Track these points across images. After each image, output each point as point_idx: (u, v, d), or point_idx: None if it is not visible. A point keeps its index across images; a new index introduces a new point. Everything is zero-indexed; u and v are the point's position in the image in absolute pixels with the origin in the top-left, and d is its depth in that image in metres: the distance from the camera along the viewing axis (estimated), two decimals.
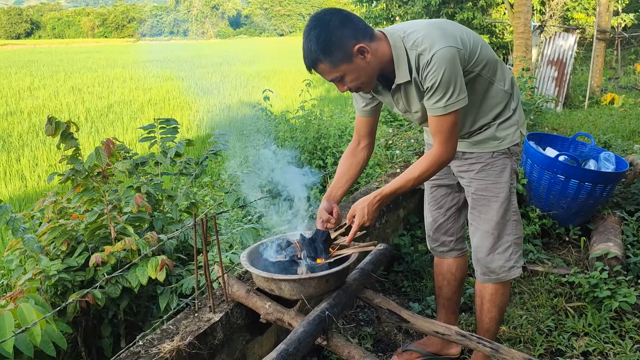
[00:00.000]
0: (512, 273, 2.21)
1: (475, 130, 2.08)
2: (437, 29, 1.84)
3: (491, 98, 2.02)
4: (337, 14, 1.77)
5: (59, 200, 2.65)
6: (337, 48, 1.73)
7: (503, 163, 2.11)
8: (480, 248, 2.20)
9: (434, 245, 2.50)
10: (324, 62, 1.76)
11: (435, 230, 2.45)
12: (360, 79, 1.82)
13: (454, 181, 2.31)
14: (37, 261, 2.34)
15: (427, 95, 1.84)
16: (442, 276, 2.52)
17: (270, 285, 1.78)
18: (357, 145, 2.24)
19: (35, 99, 15.00)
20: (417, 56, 1.81)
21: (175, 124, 3.07)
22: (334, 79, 1.81)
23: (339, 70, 1.78)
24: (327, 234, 1.89)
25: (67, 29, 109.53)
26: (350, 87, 1.84)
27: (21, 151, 8.55)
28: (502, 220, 2.14)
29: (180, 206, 2.93)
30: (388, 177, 3.61)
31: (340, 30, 1.74)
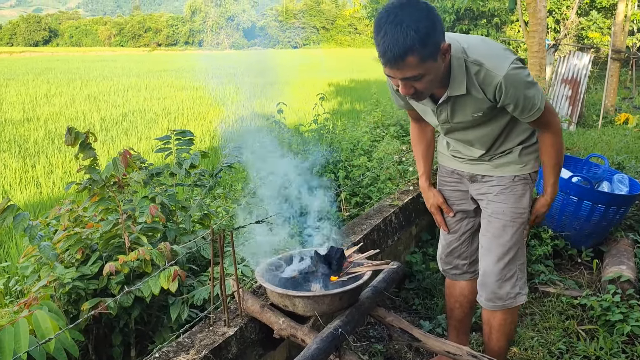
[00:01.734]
0: (519, 300, 2.17)
1: (498, 153, 2.07)
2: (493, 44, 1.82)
3: (519, 124, 2.02)
4: (429, 2, 1.58)
5: (74, 209, 2.69)
6: (433, 41, 1.55)
7: (523, 188, 2.09)
8: (489, 273, 2.15)
9: (446, 268, 2.47)
10: (415, 54, 1.53)
11: (449, 254, 2.43)
12: (434, 82, 1.69)
13: (470, 207, 2.29)
14: (52, 269, 2.37)
15: (516, 112, 1.84)
16: (454, 299, 2.50)
17: (285, 301, 1.79)
18: (419, 125, 2.27)
19: (52, 107, 15.22)
20: (478, 72, 1.74)
21: (191, 135, 3.10)
22: (411, 77, 1.61)
23: (424, 67, 1.58)
24: (341, 251, 1.90)
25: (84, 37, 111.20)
26: (419, 89, 1.67)
27: (37, 158, 8.66)
28: (514, 247, 2.11)
29: (193, 217, 2.95)
30: (401, 194, 3.62)
31: (437, 22, 1.56)
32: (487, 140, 2.03)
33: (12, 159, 8.49)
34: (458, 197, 2.29)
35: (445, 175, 2.33)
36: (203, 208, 3.03)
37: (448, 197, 2.33)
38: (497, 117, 1.95)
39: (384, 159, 4.76)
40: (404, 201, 3.45)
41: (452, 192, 2.31)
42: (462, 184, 2.26)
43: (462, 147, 2.15)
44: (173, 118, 12.90)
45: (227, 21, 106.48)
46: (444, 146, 2.29)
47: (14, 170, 7.77)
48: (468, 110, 1.88)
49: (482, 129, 1.98)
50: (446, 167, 2.31)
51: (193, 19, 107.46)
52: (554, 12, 12.70)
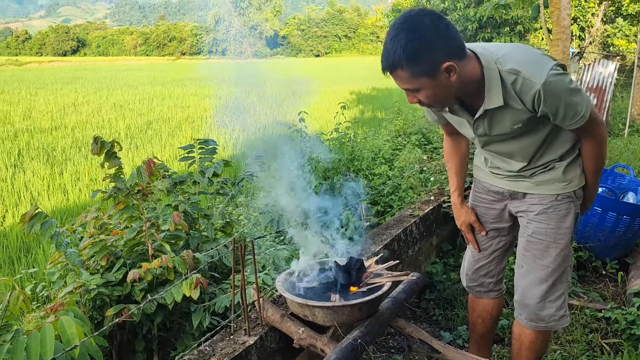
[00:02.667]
0: (562, 322, 2.06)
1: (539, 167, 1.97)
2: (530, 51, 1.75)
3: (565, 134, 1.93)
4: (438, 21, 1.58)
5: (100, 216, 2.75)
6: (424, 60, 1.57)
7: (567, 207, 1.97)
8: (530, 294, 2.04)
9: (471, 285, 2.39)
10: (404, 70, 1.60)
11: (476, 271, 2.34)
12: (436, 97, 1.68)
13: (504, 225, 2.20)
14: (77, 275, 2.42)
15: (557, 120, 1.76)
16: (477, 314, 2.43)
17: (304, 311, 1.81)
18: (452, 139, 2.22)
19: (79, 115, 15.55)
20: (515, 81, 1.68)
21: (214, 144, 3.15)
22: (407, 89, 1.68)
23: (417, 83, 1.62)
24: (361, 262, 1.91)
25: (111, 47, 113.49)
26: (422, 102, 1.71)
27: (64, 165, 8.85)
28: (559, 268, 2.00)
29: (215, 225, 2.99)
30: (422, 204, 3.61)
31: (435, 42, 1.57)
32: (528, 152, 1.93)
33: (40, 167, 8.70)
34: (492, 216, 2.20)
35: (481, 191, 2.23)
36: (225, 216, 3.06)
37: (481, 215, 2.24)
38: (539, 127, 1.86)
39: (405, 167, 4.76)
40: (424, 211, 3.44)
41: (486, 210, 2.22)
42: (499, 202, 2.16)
43: (500, 162, 2.05)
44: (197, 126, 13.07)
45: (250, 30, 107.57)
46: (481, 162, 2.20)
47: (42, 178, 7.96)
48: (507, 122, 1.81)
49: (522, 141, 1.89)
50: (483, 184, 2.22)
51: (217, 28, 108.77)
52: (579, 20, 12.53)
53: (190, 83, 28.41)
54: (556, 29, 6.78)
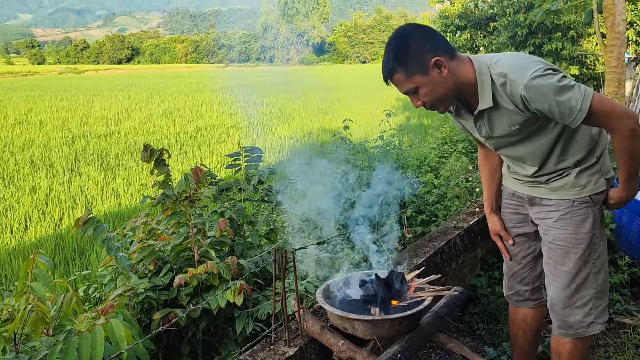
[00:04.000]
0: (592, 329, 2.06)
1: (554, 173, 2.01)
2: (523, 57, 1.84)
3: (576, 142, 1.96)
4: (419, 28, 1.81)
5: (149, 221, 2.84)
6: (413, 58, 1.75)
7: (585, 213, 2.00)
8: (556, 301, 2.08)
9: (509, 293, 2.41)
10: (399, 72, 1.78)
11: (510, 278, 2.36)
12: (435, 94, 1.81)
13: (531, 229, 2.22)
14: (127, 278, 2.51)
15: (556, 118, 1.80)
16: (517, 325, 2.41)
17: (344, 324, 1.81)
18: (484, 150, 2.28)
19: (132, 121, 16.11)
20: (504, 83, 1.78)
21: (260, 152, 3.20)
22: (408, 91, 1.82)
23: (413, 82, 1.78)
24: (402, 276, 1.90)
25: (163, 54, 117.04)
26: (425, 102, 1.84)
27: (117, 170, 9.19)
28: (581, 273, 2.01)
29: (260, 232, 3.03)
30: (467, 216, 3.54)
31: (419, 42, 1.76)
32: (538, 156, 1.98)
33: (95, 171, 9.06)
34: (518, 220, 2.23)
35: (507, 197, 2.29)
36: (269, 223, 3.11)
37: (509, 220, 2.29)
38: (543, 131, 1.91)
39: (451, 176, 4.69)
40: (469, 223, 3.38)
41: (512, 215, 2.27)
42: (522, 207, 2.20)
43: (517, 167, 2.12)
44: (244, 133, 13.31)
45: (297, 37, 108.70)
46: (506, 167, 2.27)
47: (97, 182, 8.28)
48: (504, 123, 1.89)
49: (530, 144, 1.95)
50: (508, 189, 2.28)
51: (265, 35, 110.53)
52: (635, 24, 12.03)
53: (239, 90, 28.96)
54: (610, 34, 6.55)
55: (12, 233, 6.06)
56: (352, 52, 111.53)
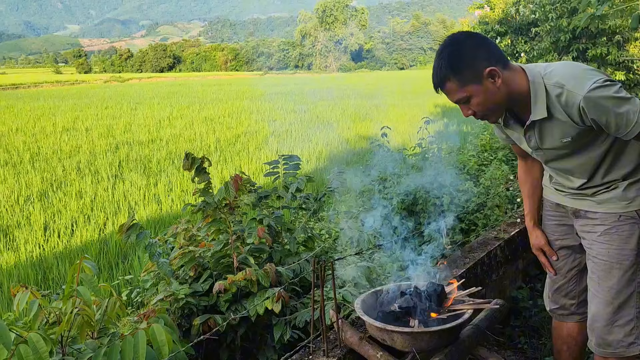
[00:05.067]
0: (632, 349, 1.98)
1: (601, 186, 1.95)
2: (579, 67, 1.79)
3: (626, 155, 1.90)
4: (473, 36, 1.79)
5: (189, 228, 2.89)
6: (467, 67, 1.73)
7: (631, 229, 1.92)
8: (597, 317, 2.02)
9: (553, 307, 2.34)
10: (452, 81, 1.75)
11: (555, 292, 2.30)
12: (487, 103, 1.78)
13: (576, 242, 2.16)
14: (168, 284, 2.57)
15: (610, 130, 1.75)
16: (561, 340, 2.35)
17: (383, 335, 1.80)
18: (525, 163, 2.25)
19: (173, 128, 16.48)
20: (560, 94, 1.74)
21: (298, 160, 3.22)
22: (459, 100, 1.79)
23: (465, 91, 1.76)
24: (442, 288, 1.87)
25: (203, 62, 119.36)
26: (476, 112, 1.81)
27: (158, 176, 9.41)
28: (624, 291, 1.94)
29: (298, 239, 3.05)
30: (507, 227, 3.47)
31: (474, 51, 1.74)
32: (587, 169, 1.94)
33: (137, 178, 9.30)
34: (563, 232, 2.18)
35: (549, 209, 2.23)
36: (307, 231, 3.12)
37: (553, 232, 2.23)
38: (594, 144, 1.86)
39: (491, 184, 4.60)
40: (510, 234, 3.31)
41: (556, 227, 2.21)
42: (567, 218, 2.15)
43: (562, 179, 2.07)
44: (282, 140, 13.42)
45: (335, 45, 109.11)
46: (547, 179, 2.21)
47: (139, 188, 8.50)
48: (556, 135, 1.85)
49: (579, 157, 1.91)
50: (550, 201, 2.22)
51: (303, 43, 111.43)
52: None
53: (277, 97, 29.24)
54: None
55: (59, 237, 6.28)
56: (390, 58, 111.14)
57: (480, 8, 13.41)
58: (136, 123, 18.20)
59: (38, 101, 30.67)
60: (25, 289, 1.92)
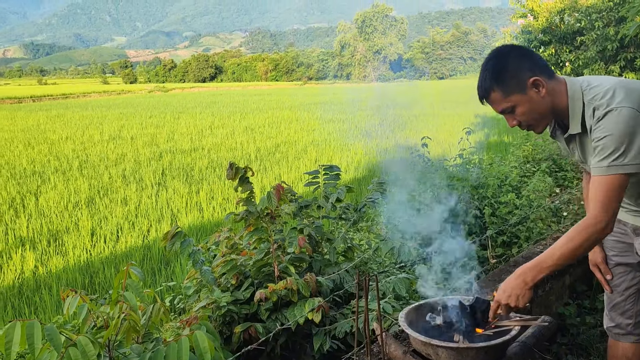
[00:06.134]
0: None
1: None
2: (623, 88, 1.72)
3: None
4: (518, 48, 1.82)
5: (231, 236, 2.94)
6: (511, 77, 1.75)
7: None
8: None
9: (609, 325, 2.26)
10: (496, 91, 1.77)
11: (611, 309, 2.22)
12: (532, 113, 1.79)
13: (635, 259, 2.08)
14: (210, 291, 2.61)
15: (593, 152, 1.72)
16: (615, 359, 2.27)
17: (427, 350, 1.77)
18: (587, 174, 2.17)
19: (215, 137, 16.79)
20: (593, 110, 1.72)
21: (338, 170, 3.23)
22: (504, 110, 1.80)
23: (510, 101, 1.77)
24: (488, 304, 1.83)
25: (244, 73, 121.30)
26: (521, 122, 1.82)
27: (200, 185, 9.59)
28: None
29: (337, 249, 3.05)
30: (553, 241, 3.37)
31: (517, 61, 1.76)
32: (633, 192, 1.88)
33: (180, 185, 9.51)
34: (622, 249, 2.10)
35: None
36: (347, 241, 3.12)
37: (611, 247, 2.15)
38: None
39: (534, 197, 4.50)
40: None
41: (615, 243, 2.13)
42: (627, 236, 2.07)
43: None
44: (321, 149, 13.47)
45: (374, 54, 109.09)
46: None
47: (182, 196, 8.68)
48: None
49: None
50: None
51: (342, 53, 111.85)
52: None
53: (316, 107, 29.42)
54: None
55: (105, 242, 6.47)
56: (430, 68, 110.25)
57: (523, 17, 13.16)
58: (179, 132, 18.62)
59: (86, 110, 31.82)
60: (75, 293, 1.98)
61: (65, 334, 1.76)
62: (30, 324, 1.50)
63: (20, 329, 1.50)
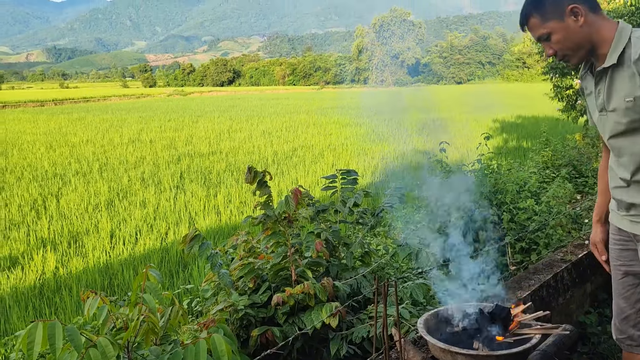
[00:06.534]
0: None
1: None
2: None
3: None
4: None
5: (249, 240, 2.95)
6: (549, 3, 1.78)
7: None
8: None
9: (620, 337, 2.19)
10: (535, 17, 1.82)
11: (622, 321, 2.15)
12: (567, 42, 1.81)
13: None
14: (228, 294, 2.62)
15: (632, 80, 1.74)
16: None
17: (446, 357, 1.76)
18: (607, 156, 2.15)
19: (232, 141, 16.89)
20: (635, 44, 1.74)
21: (355, 175, 3.23)
22: (541, 36, 1.83)
23: (547, 27, 1.80)
24: (508, 311, 1.81)
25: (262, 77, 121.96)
26: (556, 51, 1.84)
27: (218, 188, 9.64)
28: None
29: (354, 254, 3.05)
30: (575, 248, 3.33)
31: None
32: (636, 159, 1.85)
33: (198, 189, 9.57)
34: (628, 258, 2.03)
35: (614, 232, 2.11)
36: (364, 246, 3.11)
37: (617, 257, 2.09)
38: None
39: (553, 203, 4.44)
40: (577, 256, 3.17)
41: (621, 252, 2.07)
42: (631, 242, 2.01)
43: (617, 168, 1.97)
44: (338, 154, 13.46)
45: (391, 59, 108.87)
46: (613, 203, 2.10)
47: (199, 199, 8.75)
48: (621, 92, 1.80)
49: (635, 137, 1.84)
50: (614, 224, 2.11)
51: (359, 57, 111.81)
52: None
53: (333, 111, 29.44)
54: None
55: (124, 244, 6.54)
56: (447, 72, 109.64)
57: None
58: (197, 135, 18.77)
59: (106, 114, 32.26)
60: (95, 294, 2.01)
61: (85, 334, 1.78)
62: (52, 325, 1.52)
63: (42, 329, 1.52)
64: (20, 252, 6.31)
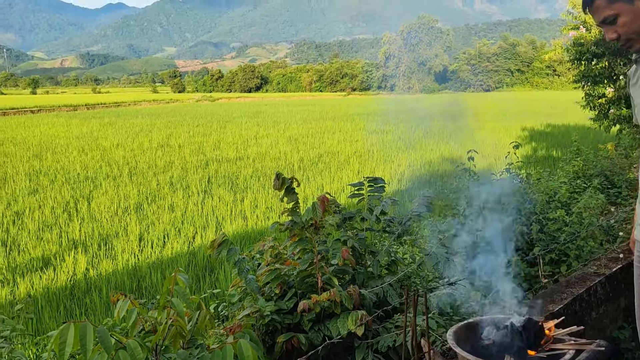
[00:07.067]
0: None
1: None
2: None
3: None
4: None
5: (276, 246, 2.96)
6: None
7: None
8: None
9: None
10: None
11: None
12: (633, 26, 1.74)
13: None
14: (254, 300, 2.63)
15: None
16: None
17: None
18: None
19: (259, 147, 17.01)
20: None
21: (382, 183, 3.21)
22: (606, 18, 1.76)
23: (614, 9, 1.73)
24: (540, 325, 1.78)
25: (289, 83, 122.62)
26: (620, 34, 1.77)
27: (245, 193, 9.71)
28: None
29: (381, 262, 3.03)
30: (608, 262, 3.24)
31: None
32: None
33: (225, 194, 9.66)
34: None
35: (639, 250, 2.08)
36: (391, 254, 3.09)
37: None
38: None
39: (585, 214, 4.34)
40: (612, 270, 3.08)
41: None
42: None
43: None
44: (364, 160, 13.43)
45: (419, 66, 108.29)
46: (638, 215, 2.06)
47: (227, 204, 8.82)
48: None
49: None
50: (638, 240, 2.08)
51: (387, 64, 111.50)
52: None
53: (359, 118, 29.40)
54: None
55: (152, 248, 6.63)
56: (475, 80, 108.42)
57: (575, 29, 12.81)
58: (225, 141, 18.96)
59: (136, 118, 32.86)
60: (125, 297, 2.04)
61: (115, 336, 1.81)
62: (83, 326, 1.55)
63: (74, 330, 1.55)
64: (53, 253, 6.46)
